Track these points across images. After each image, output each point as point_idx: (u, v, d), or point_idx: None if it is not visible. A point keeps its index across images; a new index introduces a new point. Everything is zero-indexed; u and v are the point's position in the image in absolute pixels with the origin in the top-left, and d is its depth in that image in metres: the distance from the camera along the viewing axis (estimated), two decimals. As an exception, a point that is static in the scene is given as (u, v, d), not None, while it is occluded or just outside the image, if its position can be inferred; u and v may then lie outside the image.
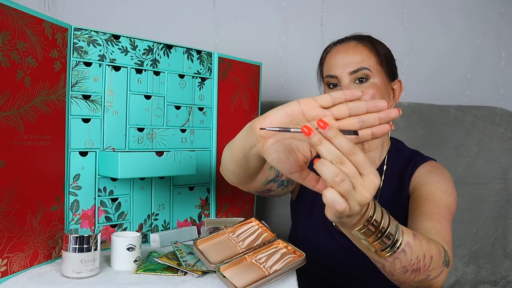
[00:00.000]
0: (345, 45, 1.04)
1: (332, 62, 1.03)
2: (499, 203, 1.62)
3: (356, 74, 0.99)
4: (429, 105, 1.65)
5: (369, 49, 1.02)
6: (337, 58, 1.02)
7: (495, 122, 1.65)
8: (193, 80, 1.13)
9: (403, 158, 1.06)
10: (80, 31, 0.93)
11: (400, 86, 1.08)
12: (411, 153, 1.08)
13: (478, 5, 1.82)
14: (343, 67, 1.00)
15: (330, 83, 1.03)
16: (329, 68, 1.03)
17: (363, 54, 1.01)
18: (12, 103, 0.78)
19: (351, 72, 0.99)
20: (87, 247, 0.80)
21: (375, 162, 1.07)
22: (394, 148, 1.09)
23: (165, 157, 0.99)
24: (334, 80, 1.02)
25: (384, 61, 1.03)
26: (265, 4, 1.70)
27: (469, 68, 1.83)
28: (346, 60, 1.00)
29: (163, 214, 1.09)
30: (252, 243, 0.89)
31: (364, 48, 1.02)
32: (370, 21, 1.74)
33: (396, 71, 1.08)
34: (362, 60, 1.00)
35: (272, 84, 1.69)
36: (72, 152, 0.93)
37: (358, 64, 0.99)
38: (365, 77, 0.99)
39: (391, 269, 0.72)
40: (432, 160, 1.05)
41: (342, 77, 1.00)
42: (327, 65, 1.04)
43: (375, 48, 1.03)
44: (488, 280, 1.59)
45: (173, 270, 0.84)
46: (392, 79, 1.06)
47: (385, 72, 1.03)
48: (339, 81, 1.01)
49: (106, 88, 0.98)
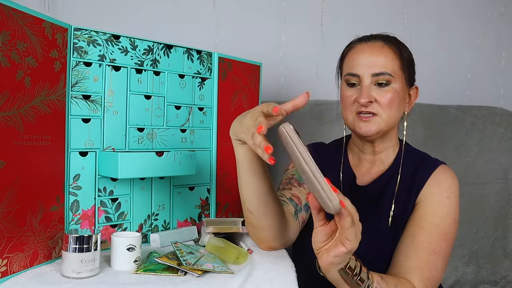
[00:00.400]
0: (370, 44, 1.02)
1: (355, 60, 1.01)
2: (499, 203, 1.62)
3: (378, 77, 0.98)
4: (429, 105, 1.65)
5: (394, 52, 1.01)
6: (361, 57, 1.00)
7: (495, 122, 1.65)
8: (193, 80, 1.13)
9: (414, 161, 1.05)
10: (80, 31, 0.93)
11: (417, 93, 1.08)
12: (421, 156, 1.07)
13: (478, 5, 1.82)
14: (366, 67, 0.99)
15: (350, 81, 1.01)
16: (352, 66, 1.01)
17: (388, 57, 1.00)
18: (12, 103, 0.78)
19: (374, 74, 0.98)
20: (87, 247, 0.80)
21: (384, 163, 1.07)
22: (405, 150, 1.07)
23: (165, 157, 0.99)
24: (355, 79, 1.00)
25: (407, 66, 1.03)
26: (265, 4, 1.70)
27: (469, 68, 1.83)
28: (371, 60, 0.99)
29: (163, 214, 1.09)
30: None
31: (389, 51, 1.01)
32: (370, 21, 1.74)
33: (415, 76, 1.07)
34: (386, 63, 0.99)
35: (272, 84, 1.69)
36: (72, 152, 0.93)
37: (382, 67, 0.98)
38: (387, 82, 0.99)
39: None
40: (442, 165, 1.04)
41: (364, 77, 0.99)
42: (350, 62, 1.02)
43: (400, 51, 1.02)
44: (488, 280, 1.59)
45: (173, 270, 0.84)
46: (410, 84, 1.05)
47: (405, 77, 1.02)
48: (360, 81, 1.00)
49: (106, 88, 0.97)
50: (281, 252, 0.98)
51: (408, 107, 1.06)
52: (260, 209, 0.91)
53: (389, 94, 0.99)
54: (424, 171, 1.02)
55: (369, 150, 1.08)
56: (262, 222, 0.93)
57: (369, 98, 0.98)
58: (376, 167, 1.08)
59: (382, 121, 1.00)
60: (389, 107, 0.99)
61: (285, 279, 0.83)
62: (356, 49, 1.03)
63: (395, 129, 1.06)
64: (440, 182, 1.00)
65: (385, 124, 1.00)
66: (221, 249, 0.93)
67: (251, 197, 0.90)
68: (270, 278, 0.82)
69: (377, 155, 1.08)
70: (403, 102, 1.03)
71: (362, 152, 1.09)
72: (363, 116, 1.00)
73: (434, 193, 0.99)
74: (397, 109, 1.01)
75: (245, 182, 0.89)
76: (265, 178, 0.88)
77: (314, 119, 1.59)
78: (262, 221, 0.93)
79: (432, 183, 1.01)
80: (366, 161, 1.09)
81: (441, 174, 1.02)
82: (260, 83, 1.30)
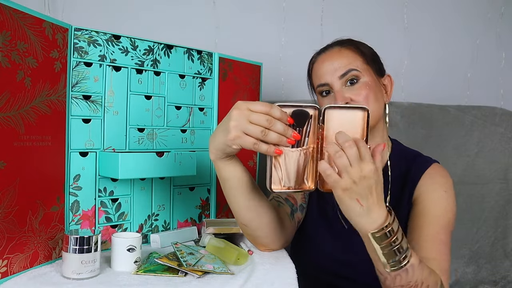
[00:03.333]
0: (328, 52, 1.04)
1: (320, 71, 1.02)
2: (499, 203, 1.62)
3: (346, 76, 0.99)
4: (429, 105, 1.65)
5: (353, 51, 1.02)
6: (324, 66, 1.01)
7: (495, 122, 1.65)
8: (194, 80, 1.13)
9: (406, 160, 1.06)
10: (80, 31, 0.93)
11: (391, 81, 1.07)
12: (413, 156, 1.07)
13: (478, 5, 1.82)
14: (331, 73, 1.00)
15: (323, 91, 1.03)
16: (319, 77, 1.02)
17: (348, 57, 1.01)
18: (12, 104, 0.77)
19: (340, 76, 0.99)
20: (87, 248, 0.80)
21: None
22: (397, 149, 1.08)
23: (165, 158, 0.99)
24: (326, 87, 1.01)
25: (370, 59, 1.03)
26: (265, 4, 1.70)
27: (469, 68, 1.83)
28: (333, 66, 1.00)
29: (163, 215, 1.09)
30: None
31: (348, 51, 1.02)
32: (370, 21, 1.74)
33: (383, 67, 1.07)
34: (348, 62, 1.00)
35: (272, 84, 1.69)
36: (72, 153, 0.93)
37: (345, 67, 0.99)
38: (355, 78, 0.99)
39: (390, 284, 0.79)
40: (434, 163, 1.05)
41: (333, 83, 1.00)
42: (316, 75, 1.04)
43: (358, 49, 1.03)
44: (488, 280, 1.59)
45: (173, 271, 0.84)
46: (381, 75, 1.05)
47: (373, 70, 1.03)
48: (331, 88, 1.00)
49: (107, 88, 0.97)
50: (282, 253, 0.98)
51: (387, 96, 1.06)
52: (254, 220, 0.91)
53: (362, 91, 0.98)
54: (417, 169, 1.03)
55: None
56: (258, 232, 0.93)
57: (344, 99, 0.98)
58: None
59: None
60: (365, 101, 0.98)
61: (285, 280, 0.83)
62: (318, 61, 1.05)
63: (381, 123, 1.05)
64: (435, 179, 1.01)
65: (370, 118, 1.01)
66: (221, 250, 0.93)
67: (243, 212, 0.90)
68: (271, 279, 0.82)
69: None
70: (380, 94, 1.02)
71: None
72: None
73: (431, 189, 1.00)
74: (375, 102, 1.00)
75: (235, 200, 0.89)
76: (254, 192, 0.89)
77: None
78: (257, 231, 0.93)
79: (427, 180, 1.01)
80: None
81: (435, 172, 1.03)
82: (260, 83, 1.30)
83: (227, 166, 0.84)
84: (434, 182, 1.01)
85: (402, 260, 0.76)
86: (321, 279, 1.06)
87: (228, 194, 0.89)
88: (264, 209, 0.92)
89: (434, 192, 0.99)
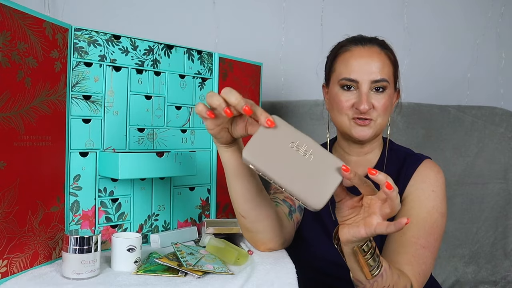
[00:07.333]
0: (368, 49, 1.01)
1: (353, 65, 1.00)
2: (499, 203, 1.62)
3: (377, 84, 0.99)
4: (429, 105, 1.66)
5: (389, 58, 1.03)
6: (360, 63, 1.00)
7: (495, 122, 1.65)
8: (194, 80, 1.13)
9: (398, 158, 1.07)
10: (80, 31, 0.93)
11: (398, 95, 1.10)
12: (404, 153, 1.08)
13: (478, 5, 1.82)
14: (367, 74, 0.99)
15: (346, 85, 1.01)
16: (350, 71, 1.00)
17: (385, 63, 1.01)
18: (12, 104, 0.77)
19: (373, 81, 0.99)
20: (87, 248, 0.80)
21: (371, 163, 1.08)
22: (389, 148, 1.09)
23: (165, 158, 0.99)
24: (354, 84, 1.00)
25: (397, 71, 1.05)
26: (265, 4, 1.70)
27: (469, 68, 1.83)
28: (370, 67, 0.99)
29: (163, 215, 1.09)
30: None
31: (386, 57, 1.02)
32: (370, 21, 1.74)
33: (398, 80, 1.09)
34: (384, 69, 1.00)
35: (272, 84, 1.69)
36: (72, 153, 0.93)
37: (381, 73, 0.99)
38: (383, 87, 1.00)
39: None
40: (426, 160, 1.05)
41: (362, 84, 0.99)
42: (346, 66, 1.01)
43: (394, 57, 1.04)
44: (488, 280, 1.59)
45: (173, 271, 0.84)
46: (395, 88, 1.08)
47: (395, 82, 1.05)
48: (358, 86, 1.00)
49: (107, 88, 0.97)
50: (282, 253, 0.98)
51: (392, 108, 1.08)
52: (252, 212, 0.91)
53: (384, 100, 1.00)
54: (409, 166, 1.03)
55: (355, 151, 1.09)
56: (256, 225, 0.93)
57: (368, 105, 0.99)
58: (362, 167, 1.08)
59: (377, 125, 1.02)
60: (384, 112, 1.01)
61: (285, 280, 0.83)
62: (353, 52, 1.02)
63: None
64: (425, 177, 1.01)
65: (380, 128, 1.03)
66: (221, 250, 0.93)
67: (240, 201, 0.90)
68: (271, 279, 0.82)
69: (363, 156, 1.09)
70: (392, 106, 1.06)
71: (348, 154, 1.10)
72: (360, 121, 1.01)
73: (420, 188, 1.00)
74: (389, 113, 1.04)
75: (233, 187, 0.89)
76: (252, 181, 0.88)
77: (314, 119, 1.59)
78: (255, 224, 0.93)
79: (417, 178, 1.01)
80: (352, 163, 1.09)
81: (426, 169, 1.03)
82: (260, 83, 1.30)
83: (224, 153, 0.85)
84: (423, 181, 1.01)
85: (378, 265, 0.78)
86: (320, 281, 1.06)
87: (227, 181, 0.89)
88: (263, 202, 0.91)
89: (422, 192, 0.99)
